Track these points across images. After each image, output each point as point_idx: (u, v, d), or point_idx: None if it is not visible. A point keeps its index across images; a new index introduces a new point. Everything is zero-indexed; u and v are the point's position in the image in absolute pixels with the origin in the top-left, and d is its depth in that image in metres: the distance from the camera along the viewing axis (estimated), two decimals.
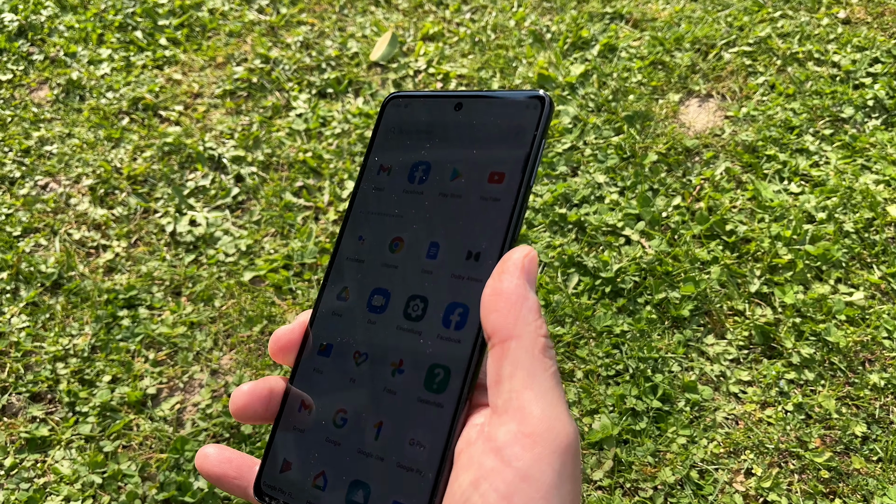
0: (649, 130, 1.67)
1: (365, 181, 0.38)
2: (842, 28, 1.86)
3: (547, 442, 0.28)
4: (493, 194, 0.33)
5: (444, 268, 0.33)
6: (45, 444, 1.28)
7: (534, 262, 0.31)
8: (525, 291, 0.30)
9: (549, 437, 0.28)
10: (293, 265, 1.49)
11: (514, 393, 0.29)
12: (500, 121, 0.34)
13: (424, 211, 0.35)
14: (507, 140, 0.34)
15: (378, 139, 0.38)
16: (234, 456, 0.35)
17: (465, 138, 0.35)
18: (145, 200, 1.64)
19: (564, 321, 1.36)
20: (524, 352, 0.29)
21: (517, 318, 0.30)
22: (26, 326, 1.42)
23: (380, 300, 0.35)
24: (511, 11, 2.03)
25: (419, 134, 0.37)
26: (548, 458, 0.27)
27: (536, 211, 1.53)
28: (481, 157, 0.34)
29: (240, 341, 1.39)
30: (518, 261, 0.31)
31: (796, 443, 1.19)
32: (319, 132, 1.75)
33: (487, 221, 0.33)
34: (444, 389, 0.31)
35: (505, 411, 0.29)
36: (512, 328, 0.30)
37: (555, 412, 0.28)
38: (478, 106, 0.35)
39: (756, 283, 1.37)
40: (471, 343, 0.32)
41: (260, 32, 2.02)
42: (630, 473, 1.17)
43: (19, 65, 1.97)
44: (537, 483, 0.27)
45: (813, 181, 1.54)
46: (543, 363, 0.30)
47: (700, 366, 1.29)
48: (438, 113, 0.36)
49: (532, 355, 0.29)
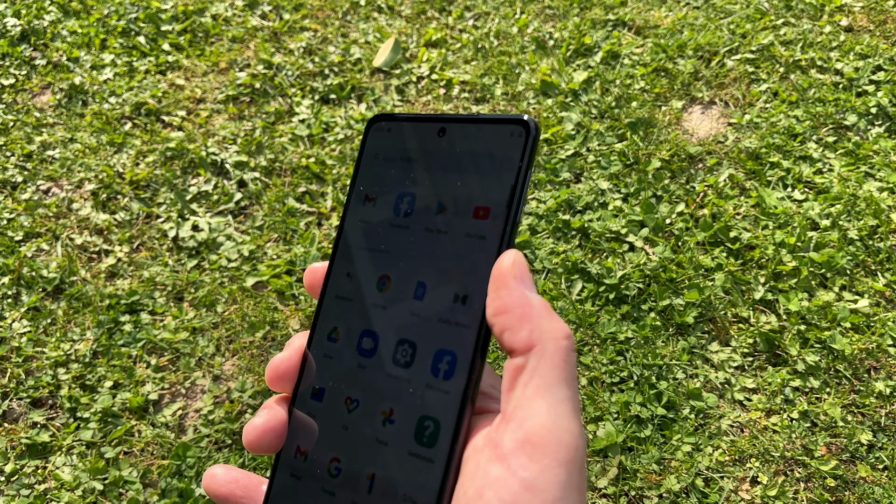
0: (652, 137, 1.67)
1: (351, 212, 0.37)
2: (844, 36, 1.86)
3: (554, 452, 0.27)
4: (479, 231, 0.32)
5: (432, 311, 0.33)
6: (46, 450, 1.27)
7: (522, 265, 0.31)
8: (527, 299, 0.30)
9: (556, 447, 0.27)
10: (296, 271, 1.49)
11: (526, 400, 0.28)
12: (484, 149, 0.33)
13: (410, 247, 0.34)
14: (492, 171, 0.33)
15: (363, 166, 0.37)
16: (241, 476, 0.35)
17: (448, 168, 0.34)
18: (148, 205, 1.63)
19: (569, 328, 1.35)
20: (545, 361, 0.29)
21: (531, 329, 0.29)
22: (28, 331, 1.42)
23: (369, 343, 0.34)
24: (514, 18, 2.03)
25: (402, 161, 0.36)
26: (554, 468, 0.27)
27: (540, 217, 1.53)
28: (465, 190, 0.33)
29: (242, 347, 1.38)
30: (508, 271, 0.31)
31: (802, 451, 1.18)
32: (322, 138, 1.75)
33: (474, 261, 0.32)
34: (434, 444, 0.31)
35: (513, 418, 0.28)
36: (528, 339, 0.29)
37: (564, 422, 0.28)
38: (461, 132, 0.34)
39: (760, 291, 1.37)
40: (459, 395, 0.31)
41: (263, 38, 2.02)
42: (635, 481, 1.16)
43: (22, 69, 1.97)
44: (543, 494, 0.27)
45: (817, 188, 1.54)
46: (562, 371, 0.29)
47: (705, 373, 1.28)
48: (421, 138, 0.36)
49: (552, 363, 0.29)
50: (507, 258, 0.31)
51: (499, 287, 0.31)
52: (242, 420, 1.28)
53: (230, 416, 1.28)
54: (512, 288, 0.30)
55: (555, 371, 0.29)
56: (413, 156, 0.36)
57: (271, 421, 0.34)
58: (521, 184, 0.32)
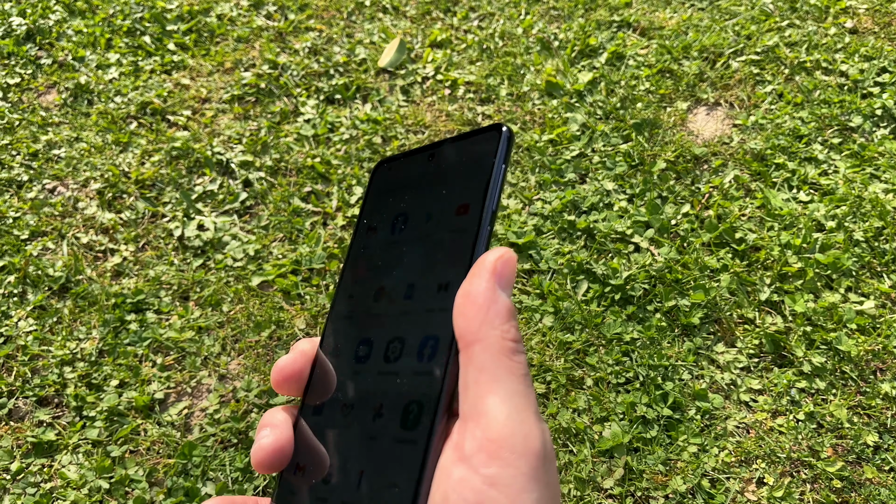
0: (657, 138, 1.67)
1: (355, 245, 0.40)
2: (849, 37, 1.86)
3: (513, 446, 0.27)
4: (461, 225, 0.34)
5: (420, 305, 0.34)
6: (52, 449, 1.27)
7: (508, 264, 0.31)
8: (493, 294, 0.30)
9: (515, 441, 0.27)
10: (301, 270, 1.49)
11: (479, 398, 0.28)
12: (467, 158, 0.36)
13: (403, 257, 0.36)
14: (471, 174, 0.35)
15: (367, 204, 0.40)
16: (238, 500, 0.36)
17: (437, 183, 0.37)
18: (153, 205, 1.63)
19: (574, 328, 1.35)
20: (489, 355, 0.29)
21: (482, 321, 0.29)
22: (34, 330, 1.42)
23: (364, 350, 0.36)
24: (519, 19, 2.04)
25: (401, 190, 0.39)
26: (515, 462, 0.27)
27: (545, 218, 1.53)
28: (450, 195, 0.36)
29: (248, 346, 1.38)
30: (490, 263, 0.31)
31: (808, 452, 1.18)
32: (327, 138, 1.75)
33: (456, 252, 0.33)
34: (417, 425, 0.31)
35: (470, 417, 0.28)
36: (476, 331, 0.29)
37: (520, 416, 0.28)
38: (446, 151, 0.37)
39: (766, 292, 1.37)
40: (441, 372, 0.31)
41: (268, 38, 2.03)
42: (641, 482, 1.16)
43: (27, 69, 1.97)
44: (507, 489, 0.26)
45: (822, 190, 1.54)
46: (509, 366, 0.29)
47: (710, 374, 1.28)
48: (416, 167, 0.39)
49: (496, 359, 0.29)
50: (496, 252, 0.31)
51: (474, 274, 0.31)
52: (248, 419, 1.29)
53: (236, 415, 1.28)
54: (485, 279, 0.30)
55: (502, 366, 0.29)
56: (408, 182, 0.39)
57: (279, 441, 0.35)
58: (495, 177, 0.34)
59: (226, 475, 1.22)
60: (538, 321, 1.37)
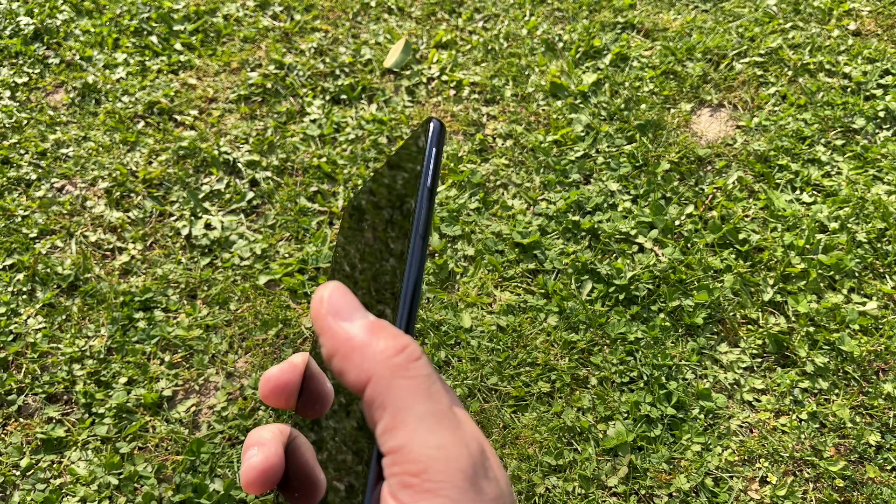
0: (661, 139, 1.68)
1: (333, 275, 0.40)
2: (852, 40, 1.87)
3: (436, 473, 0.25)
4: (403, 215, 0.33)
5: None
6: (62, 445, 1.28)
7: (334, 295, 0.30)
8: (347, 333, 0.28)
9: (436, 467, 0.25)
10: (308, 269, 1.50)
11: (390, 436, 0.26)
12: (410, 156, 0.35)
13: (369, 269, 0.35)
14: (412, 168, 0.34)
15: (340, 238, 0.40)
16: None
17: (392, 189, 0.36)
18: (161, 204, 1.65)
19: (579, 328, 1.36)
20: (382, 386, 0.27)
21: (360, 362, 0.27)
22: (43, 328, 1.43)
23: None
24: (523, 20, 2.05)
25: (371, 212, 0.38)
26: (442, 490, 0.25)
27: (550, 218, 1.54)
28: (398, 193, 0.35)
29: (255, 344, 1.39)
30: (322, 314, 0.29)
31: (811, 451, 1.19)
32: (333, 138, 1.76)
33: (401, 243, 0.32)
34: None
35: (389, 457, 0.27)
36: (363, 375, 0.27)
37: (435, 439, 0.26)
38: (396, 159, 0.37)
39: (769, 292, 1.38)
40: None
41: (274, 38, 2.04)
42: (645, 480, 1.17)
43: (35, 68, 1.99)
44: None
45: (825, 191, 1.55)
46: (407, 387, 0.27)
47: (714, 373, 1.29)
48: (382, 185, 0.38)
49: (390, 386, 0.27)
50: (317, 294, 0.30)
51: (320, 331, 0.29)
52: (255, 416, 1.30)
53: (243, 412, 1.30)
54: (330, 327, 0.29)
55: (399, 393, 0.27)
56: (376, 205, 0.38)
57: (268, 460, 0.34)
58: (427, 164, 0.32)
59: (234, 472, 1.23)
60: (543, 320, 1.38)
